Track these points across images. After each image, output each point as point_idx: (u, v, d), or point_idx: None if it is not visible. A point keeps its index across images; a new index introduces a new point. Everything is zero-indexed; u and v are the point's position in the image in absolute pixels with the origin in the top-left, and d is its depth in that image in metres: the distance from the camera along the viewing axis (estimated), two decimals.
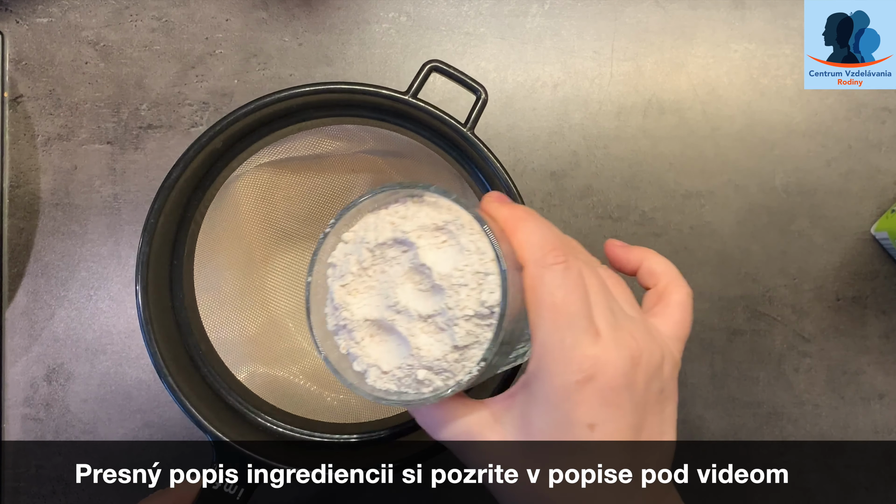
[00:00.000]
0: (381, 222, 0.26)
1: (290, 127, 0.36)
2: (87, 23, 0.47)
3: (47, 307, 0.47)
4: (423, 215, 0.25)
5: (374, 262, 0.26)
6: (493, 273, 0.24)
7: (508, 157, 0.46)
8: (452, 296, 0.24)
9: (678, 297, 0.29)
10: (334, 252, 0.27)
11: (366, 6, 0.47)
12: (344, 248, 0.26)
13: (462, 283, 0.24)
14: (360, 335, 0.26)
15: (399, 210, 0.26)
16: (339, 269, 0.26)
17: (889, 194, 0.46)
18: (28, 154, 0.47)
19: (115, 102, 0.47)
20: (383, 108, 0.35)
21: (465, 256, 0.24)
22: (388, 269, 0.26)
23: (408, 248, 0.25)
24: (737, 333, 0.46)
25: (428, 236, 0.25)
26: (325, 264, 0.27)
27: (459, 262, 0.24)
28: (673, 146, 0.47)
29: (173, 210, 0.35)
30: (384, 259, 0.26)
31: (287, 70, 0.47)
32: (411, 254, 0.25)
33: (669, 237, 0.46)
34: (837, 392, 0.46)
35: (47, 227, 0.47)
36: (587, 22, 0.47)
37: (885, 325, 0.46)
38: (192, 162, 0.34)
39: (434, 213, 0.25)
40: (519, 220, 0.26)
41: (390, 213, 0.26)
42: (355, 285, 0.26)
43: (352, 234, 0.26)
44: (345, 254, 0.26)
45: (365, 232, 0.26)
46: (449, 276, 0.24)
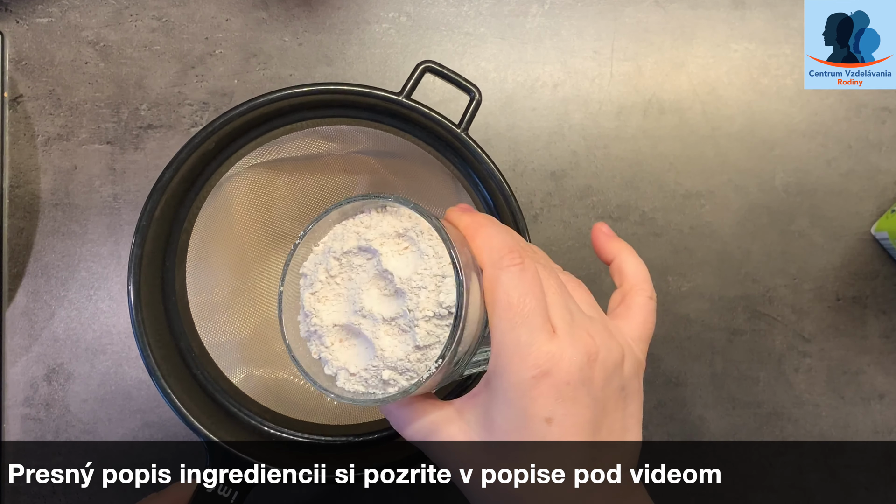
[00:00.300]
0: (347, 232, 0.27)
1: (284, 128, 0.36)
2: (87, 23, 0.47)
3: (47, 307, 0.47)
4: (386, 224, 0.27)
5: (342, 270, 0.27)
6: (451, 275, 0.25)
7: (508, 157, 0.46)
8: (413, 298, 0.25)
9: (640, 299, 0.30)
10: (304, 262, 0.28)
11: (366, 6, 0.47)
12: (313, 258, 0.28)
13: (421, 286, 0.25)
14: (330, 340, 0.27)
15: (364, 220, 0.27)
16: (308, 278, 0.28)
17: (889, 194, 0.46)
18: (28, 154, 0.47)
19: (115, 102, 0.47)
20: (377, 109, 0.35)
21: (425, 261, 0.26)
22: (354, 276, 0.27)
23: (372, 256, 0.27)
24: (737, 333, 0.46)
25: (390, 243, 0.27)
26: (296, 274, 0.28)
27: (419, 267, 0.26)
28: (673, 146, 0.47)
29: (166, 211, 0.35)
30: (350, 267, 0.27)
31: (287, 70, 0.47)
32: (375, 260, 0.26)
33: (669, 237, 0.46)
34: (837, 392, 0.46)
35: (47, 227, 0.47)
36: (587, 22, 0.47)
37: (885, 325, 0.46)
38: (184, 163, 0.34)
39: (395, 221, 0.27)
40: (479, 225, 0.27)
41: (356, 222, 0.27)
42: (324, 293, 0.27)
43: (320, 245, 0.28)
44: (314, 263, 0.28)
45: (332, 241, 0.27)
46: (409, 280, 0.25)
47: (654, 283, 0.46)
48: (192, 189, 0.37)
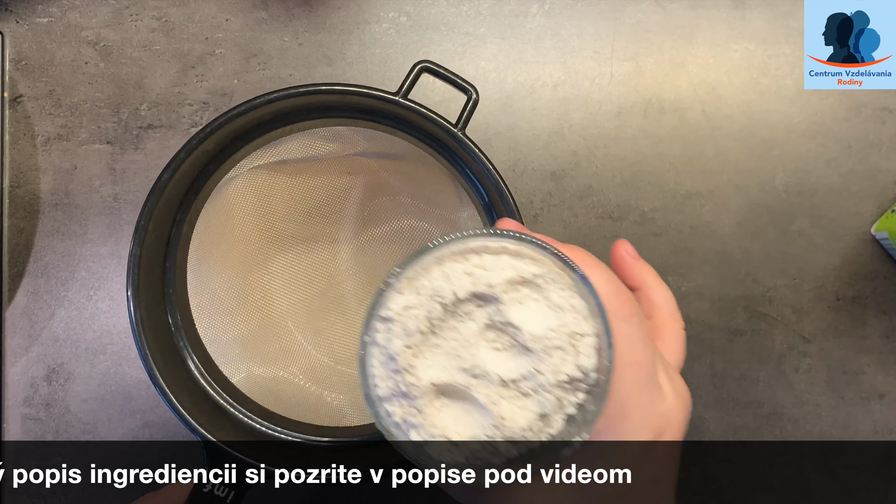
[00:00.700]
0: (453, 273, 0.23)
1: (282, 129, 0.36)
2: (87, 23, 0.47)
3: (47, 307, 0.47)
4: (507, 266, 0.23)
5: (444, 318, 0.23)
6: (590, 335, 0.22)
7: (508, 157, 0.46)
8: (545, 359, 0.22)
9: (675, 331, 0.29)
10: (393, 306, 0.23)
11: (366, 6, 0.47)
12: (404, 301, 0.23)
13: (556, 346, 0.22)
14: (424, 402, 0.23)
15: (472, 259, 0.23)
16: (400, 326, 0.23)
17: (889, 194, 0.46)
18: (28, 154, 0.47)
19: (115, 102, 0.47)
20: (374, 110, 0.35)
21: (559, 316, 0.22)
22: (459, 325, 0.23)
23: (485, 304, 0.23)
24: (737, 333, 0.46)
25: (511, 290, 0.23)
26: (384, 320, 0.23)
27: (553, 322, 0.22)
28: (673, 146, 0.47)
29: (165, 212, 0.35)
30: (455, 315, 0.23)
31: (287, 70, 0.47)
32: (490, 309, 0.23)
33: (669, 237, 0.46)
34: (837, 392, 0.46)
35: (47, 227, 0.47)
36: (587, 22, 0.47)
37: (885, 325, 0.46)
38: (182, 164, 0.34)
39: (519, 263, 0.23)
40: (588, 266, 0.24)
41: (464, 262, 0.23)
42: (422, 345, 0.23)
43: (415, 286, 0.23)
44: (405, 307, 0.23)
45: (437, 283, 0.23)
46: (542, 338, 0.22)
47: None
48: (192, 190, 0.37)
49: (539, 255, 0.23)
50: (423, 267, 0.23)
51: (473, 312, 0.23)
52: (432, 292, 0.23)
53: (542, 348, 0.22)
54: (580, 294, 0.23)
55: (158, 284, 0.36)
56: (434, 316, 0.23)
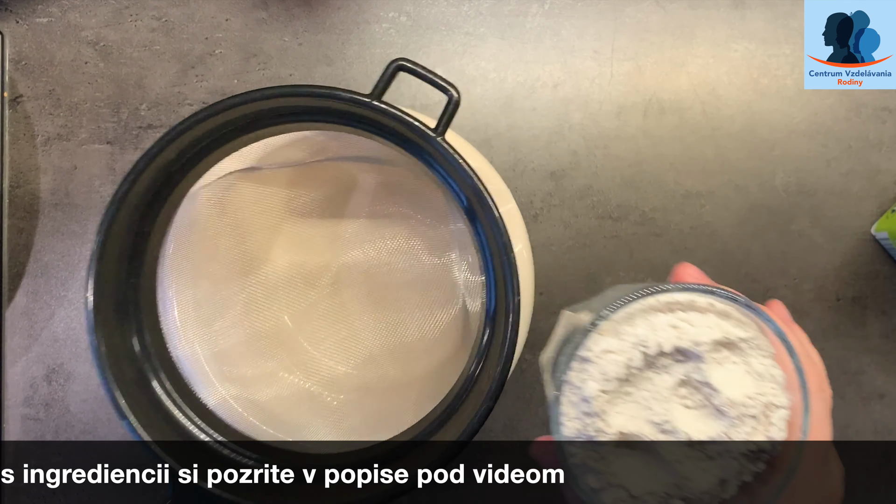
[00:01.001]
0: (660, 324, 0.23)
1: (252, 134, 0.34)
2: (86, 23, 0.47)
3: (47, 307, 0.47)
4: (713, 325, 0.22)
5: (643, 369, 0.23)
6: (785, 407, 0.22)
7: (508, 157, 0.46)
8: (738, 426, 0.22)
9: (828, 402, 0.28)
10: (594, 347, 0.23)
11: (366, 6, 0.47)
12: (604, 344, 0.23)
13: (751, 415, 0.22)
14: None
15: (679, 313, 0.23)
16: (598, 369, 0.23)
17: (889, 194, 0.46)
18: (28, 154, 0.47)
19: (115, 102, 0.47)
20: (347, 113, 0.32)
21: (758, 384, 0.22)
22: (654, 377, 0.23)
23: (685, 360, 0.23)
24: None
25: (713, 351, 0.22)
26: (583, 361, 0.23)
27: (751, 390, 0.22)
28: (673, 146, 0.47)
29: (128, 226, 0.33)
30: (653, 366, 0.23)
31: (287, 70, 0.47)
32: (690, 366, 0.22)
33: (669, 237, 0.46)
34: (837, 392, 0.46)
35: (47, 227, 0.47)
36: (587, 22, 0.47)
37: (885, 325, 0.46)
38: (142, 174, 0.31)
39: (726, 324, 0.23)
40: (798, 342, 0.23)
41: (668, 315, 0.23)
42: (616, 392, 0.23)
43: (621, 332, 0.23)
44: (606, 350, 0.23)
45: (640, 331, 0.23)
46: (739, 404, 0.22)
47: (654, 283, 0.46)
48: (157, 201, 0.34)
49: (746, 319, 0.23)
50: (627, 314, 0.23)
51: (671, 366, 0.23)
52: (636, 340, 0.22)
53: (736, 415, 0.22)
54: (780, 364, 0.22)
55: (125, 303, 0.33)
56: (633, 364, 0.22)
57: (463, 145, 0.36)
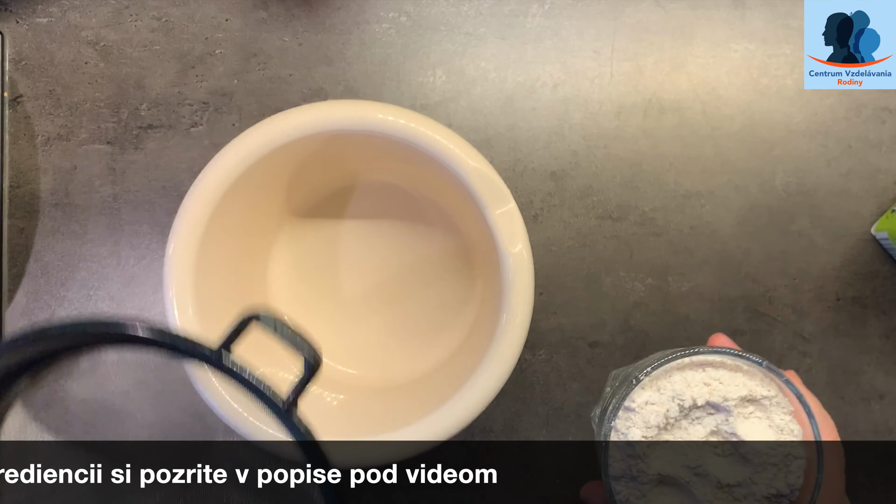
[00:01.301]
0: (693, 381, 0.26)
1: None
2: (86, 23, 0.47)
3: (47, 307, 0.47)
4: (741, 383, 0.26)
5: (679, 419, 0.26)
6: (802, 458, 0.25)
7: (508, 157, 0.46)
8: (761, 472, 0.25)
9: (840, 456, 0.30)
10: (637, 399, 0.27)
11: (366, 6, 0.47)
12: (645, 396, 0.26)
13: (772, 462, 0.25)
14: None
15: (710, 372, 0.26)
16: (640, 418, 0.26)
17: (889, 194, 0.46)
18: (28, 154, 0.47)
19: (115, 102, 0.47)
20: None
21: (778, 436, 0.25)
22: (689, 427, 0.26)
23: (715, 412, 0.26)
24: (737, 333, 0.46)
25: (740, 406, 0.26)
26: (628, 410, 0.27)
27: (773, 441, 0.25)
28: (673, 146, 0.47)
29: None
30: (688, 417, 0.26)
31: (287, 70, 0.47)
32: (720, 418, 0.26)
33: (669, 237, 0.46)
34: (837, 392, 0.46)
35: (47, 227, 0.47)
36: (587, 22, 0.47)
37: (885, 325, 0.46)
38: None
39: (751, 383, 0.26)
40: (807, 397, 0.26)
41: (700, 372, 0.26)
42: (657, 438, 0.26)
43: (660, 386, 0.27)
44: (646, 402, 0.26)
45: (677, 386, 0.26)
46: (763, 453, 0.25)
47: (654, 283, 0.46)
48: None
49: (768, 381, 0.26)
50: (665, 371, 0.27)
51: (704, 418, 0.26)
52: (673, 394, 0.26)
53: (760, 462, 0.25)
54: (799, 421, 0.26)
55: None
56: (671, 414, 0.26)
57: (463, 145, 0.36)
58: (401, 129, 0.36)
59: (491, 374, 0.35)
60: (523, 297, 0.35)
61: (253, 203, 0.40)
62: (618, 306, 0.46)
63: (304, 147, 0.38)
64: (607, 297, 0.46)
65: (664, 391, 0.26)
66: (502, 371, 0.35)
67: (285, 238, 0.45)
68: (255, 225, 0.42)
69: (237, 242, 0.41)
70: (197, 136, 0.47)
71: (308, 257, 0.45)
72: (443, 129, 0.36)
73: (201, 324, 0.38)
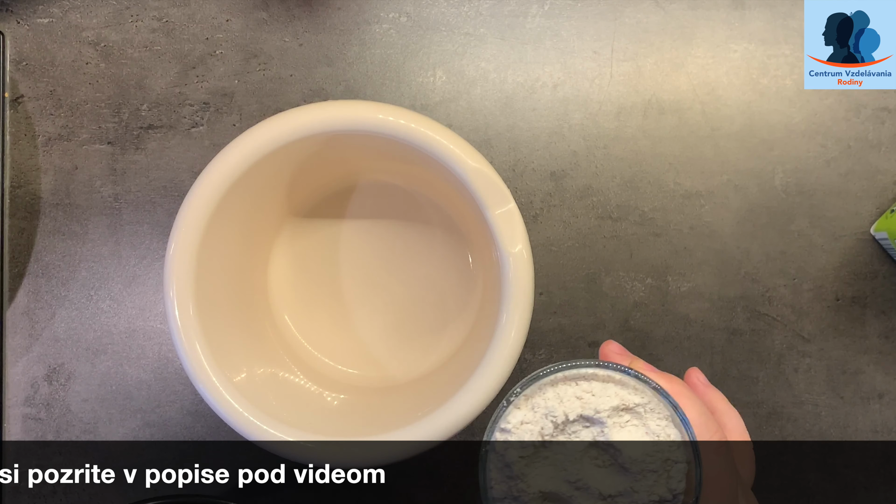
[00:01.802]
0: (565, 395, 0.26)
1: None
2: (87, 23, 0.47)
3: (48, 307, 0.47)
4: (613, 394, 0.26)
5: (554, 435, 0.26)
6: (681, 462, 0.25)
7: (508, 157, 0.47)
8: (641, 480, 0.25)
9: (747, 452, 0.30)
10: (512, 419, 0.27)
11: (366, 6, 0.47)
12: (520, 416, 0.27)
13: (651, 469, 0.25)
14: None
15: (582, 384, 0.27)
16: (515, 437, 0.26)
17: (889, 194, 0.47)
18: (29, 154, 0.47)
19: (116, 103, 0.47)
20: None
21: (655, 442, 0.25)
22: (566, 442, 0.26)
23: (591, 425, 0.26)
24: (736, 333, 0.46)
25: (615, 415, 0.26)
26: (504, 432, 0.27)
27: (649, 448, 0.25)
28: (673, 146, 0.47)
29: None
30: (564, 432, 0.26)
31: (287, 70, 0.47)
32: (595, 430, 0.26)
33: (669, 237, 0.46)
34: (837, 392, 0.46)
35: (48, 227, 0.47)
36: (587, 22, 0.47)
37: (885, 325, 0.46)
38: None
39: (623, 392, 0.26)
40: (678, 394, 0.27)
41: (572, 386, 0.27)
42: (534, 456, 0.26)
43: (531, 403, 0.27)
44: (521, 421, 0.27)
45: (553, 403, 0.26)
46: (640, 461, 0.25)
47: (653, 283, 0.46)
48: None
49: (641, 387, 0.26)
50: (539, 387, 0.27)
51: (580, 432, 0.26)
52: (546, 411, 0.26)
53: (638, 470, 0.25)
54: (675, 424, 0.26)
55: None
56: (546, 432, 0.26)
57: (463, 145, 0.36)
58: (401, 129, 0.36)
59: (491, 374, 0.35)
60: (523, 297, 0.36)
61: (253, 203, 0.40)
62: (617, 306, 0.46)
63: (304, 147, 0.38)
64: (607, 297, 0.46)
65: (538, 409, 0.26)
66: (502, 371, 0.35)
67: (286, 238, 0.45)
68: (256, 225, 0.42)
69: (238, 242, 0.41)
70: (198, 136, 0.47)
71: (308, 257, 0.45)
72: (443, 129, 0.36)
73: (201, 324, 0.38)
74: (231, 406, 0.37)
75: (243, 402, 0.37)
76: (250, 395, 0.38)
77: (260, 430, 0.36)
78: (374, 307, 0.45)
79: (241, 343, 0.40)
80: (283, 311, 0.45)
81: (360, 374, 0.45)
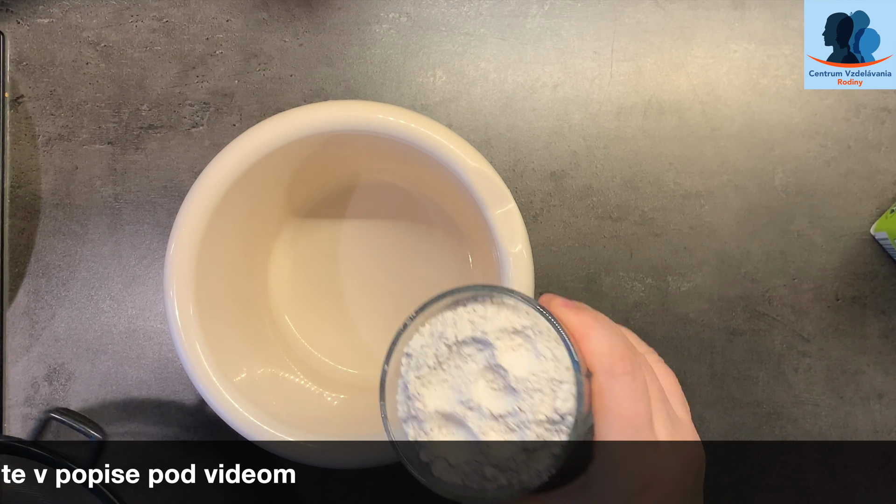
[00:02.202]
0: (460, 319, 0.27)
1: None
2: (87, 23, 0.47)
3: (48, 307, 0.47)
4: (503, 318, 0.27)
5: (450, 357, 0.27)
6: (568, 382, 0.25)
7: (508, 157, 0.47)
8: (526, 399, 0.25)
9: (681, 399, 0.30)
10: (411, 343, 0.28)
11: (366, 6, 0.47)
12: (420, 340, 0.27)
13: (537, 389, 0.25)
14: (430, 426, 0.27)
15: (478, 310, 0.27)
16: (414, 360, 0.27)
17: (888, 194, 0.47)
18: (29, 154, 0.47)
19: (116, 103, 0.47)
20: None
21: (542, 363, 0.26)
22: (462, 364, 0.27)
23: (484, 348, 0.27)
24: (736, 333, 0.46)
25: (505, 338, 0.26)
26: (401, 353, 0.28)
27: (536, 368, 0.26)
28: (673, 146, 0.47)
29: None
30: (459, 355, 0.27)
31: (287, 70, 0.47)
32: (487, 353, 0.26)
33: (669, 237, 0.46)
34: (837, 392, 0.46)
35: (48, 228, 0.47)
36: (587, 22, 0.47)
37: (885, 325, 0.46)
38: None
39: (513, 316, 0.27)
40: (589, 327, 0.26)
41: (469, 311, 0.27)
42: (430, 377, 0.27)
43: (430, 328, 0.27)
44: (421, 345, 0.27)
45: (444, 327, 0.27)
46: (525, 381, 0.25)
47: (653, 283, 0.46)
48: None
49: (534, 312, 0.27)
50: (437, 310, 0.28)
51: (475, 355, 0.27)
52: (439, 334, 0.27)
53: (524, 389, 0.25)
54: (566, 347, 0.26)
55: None
56: (440, 354, 0.27)
57: (463, 145, 0.36)
58: (401, 129, 0.36)
59: None
60: None
61: (254, 203, 0.40)
62: (618, 306, 0.46)
63: (304, 147, 0.38)
64: (607, 297, 0.46)
65: (434, 332, 0.27)
66: None
67: (286, 238, 0.45)
68: (256, 225, 0.42)
69: (238, 242, 0.41)
70: (198, 136, 0.47)
71: (309, 257, 0.45)
72: (443, 129, 0.36)
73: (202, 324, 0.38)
74: (231, 406, 0.37)
75: (243, 402, 0.37)
76: (250, 395, 0.38)
77: (260, 430, 0.36)
78: (374, 307, 0.45)
79: (241, 343, 0.40)
80: (283, 311, 0.45)
81: (360, 374, 0.45)
